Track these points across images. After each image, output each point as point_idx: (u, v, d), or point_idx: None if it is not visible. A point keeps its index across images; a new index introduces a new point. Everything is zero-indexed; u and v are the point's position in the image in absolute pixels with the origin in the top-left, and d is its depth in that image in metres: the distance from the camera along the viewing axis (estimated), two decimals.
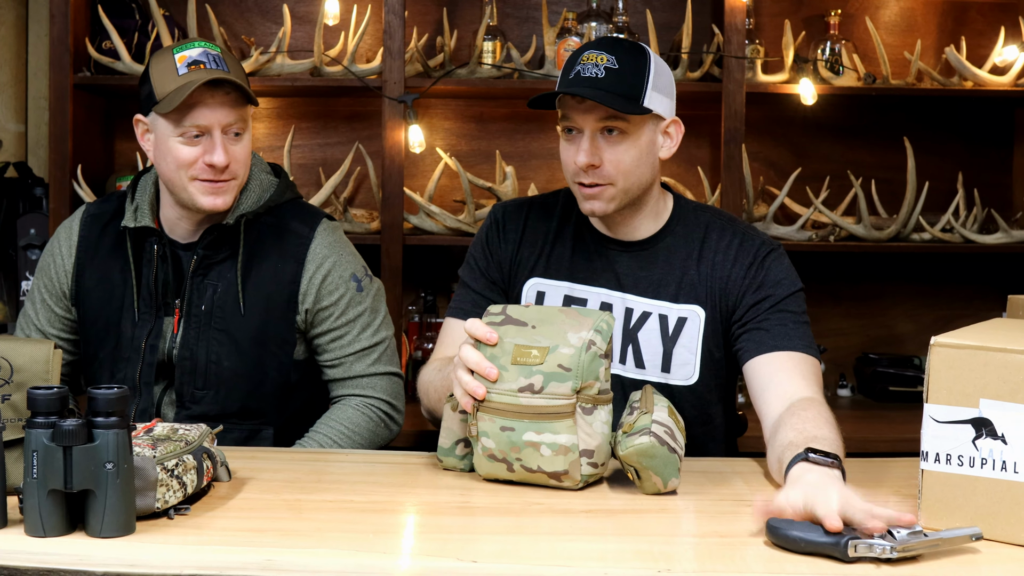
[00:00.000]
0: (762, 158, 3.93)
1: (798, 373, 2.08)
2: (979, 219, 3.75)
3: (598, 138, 2.15)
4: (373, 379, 2.47)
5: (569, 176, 2.21)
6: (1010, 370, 1.55)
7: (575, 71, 2.14)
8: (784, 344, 2.13)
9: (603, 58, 2.12)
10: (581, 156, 2.14)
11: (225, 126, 2.30)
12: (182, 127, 2.28)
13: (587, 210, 2.20)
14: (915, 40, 3.81)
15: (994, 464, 1.56)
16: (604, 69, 2.11)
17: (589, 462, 1.82)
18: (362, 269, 2.51)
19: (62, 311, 2.49)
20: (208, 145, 2.29)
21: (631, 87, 2.13)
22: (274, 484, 1.88)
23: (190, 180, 2.31)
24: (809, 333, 2.18)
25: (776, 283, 2.21)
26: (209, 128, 2.29)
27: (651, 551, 1.52)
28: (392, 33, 3.54)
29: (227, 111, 2.30)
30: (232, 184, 2.34)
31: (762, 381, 2.10)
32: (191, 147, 2.29)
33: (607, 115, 2.13)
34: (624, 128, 2.14)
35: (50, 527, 1.53)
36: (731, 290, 2.22)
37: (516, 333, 1.84)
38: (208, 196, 2.31)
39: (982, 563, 1.50)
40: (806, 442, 1.77)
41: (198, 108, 2.27)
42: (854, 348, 3.98)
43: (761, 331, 2.16)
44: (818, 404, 1.97)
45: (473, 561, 1.47)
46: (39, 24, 3.91)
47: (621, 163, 2.15)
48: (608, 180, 2.15)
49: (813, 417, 1.89)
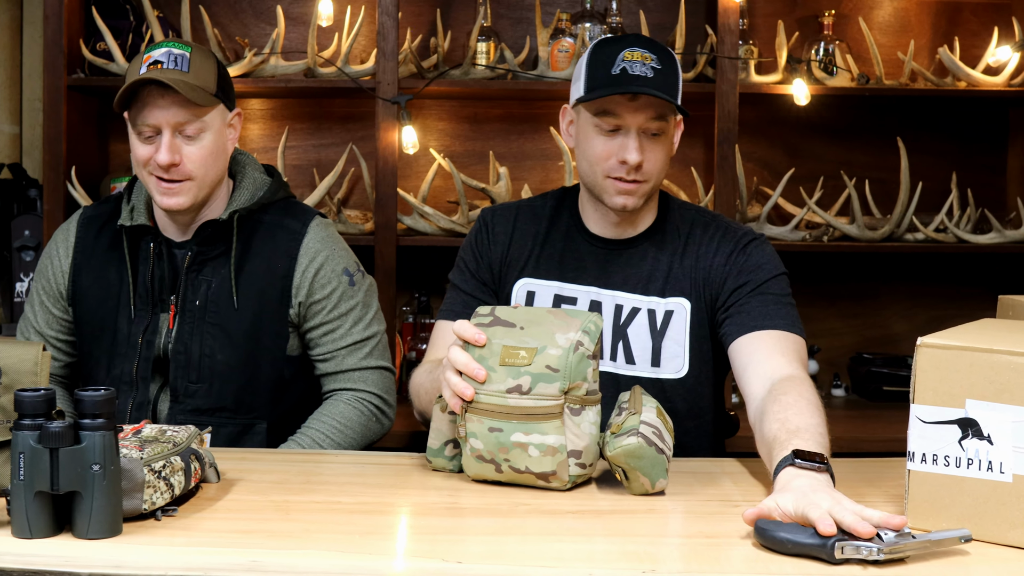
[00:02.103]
0: (756, 158, 3.94)
1: (778, 351, 2.08)
2: (973, 219, 3.75)
3: (641, 136, 2.17)
4: (365, 373, 2.49)
5: (600, 170, 2.21)
6: (996, 371, 1.55)
7: (619, 67, 2.14)
8: (764, 323, 2.14)
9: (648, 57, 2.15)
10: (634, 154, 2.16)
11: (175, 125, 2.32)
12: (138, 126, 2.33)
13: (620, 204, 2.22)
14: (908, 40, 3.82)
15: (980, 464, 1.56)
16: (651, 68, 2.14)
17: (577, 463, 1.82)
18: (354, 264, 2.53)
19: (60, 312, 2.51)
20: (158, 144, 2.32)
21: (673, 87, 2.18)
22: (262, 485, 1.88)
23: (148, 177, 2.36)
24: (793, 313, 2.19)
25: (757, 267, 2.23)
26: (159, 127, 2.31)
27: (637, 552, 1.52)
28: (386, 34, 3.54)
29: (176, 111, 2.31)
30: (188, 185, 2.35)
31: (743, 360, 2.11)
32: (146, 146, 2.34)
33: (656, 115, 2.16)
34: (665, 128, 2.19)
35: (37, 529, 1.53)
36: (714, 278, 2.24)
37: (504, 334, 1.85)
38: (162, 196, 2.35)
39: (969, 563, 1.50)
40: (790, 436, 1.77)
41: (148, 108, 2.31)
42: (848, 348, 3.98)
43: (742, 313, 2.18)
44: (799, 384, 1.96)
45: (459, 562, 1.47)
46: (33, 26, 3.91)
47: (659, 161, 2.21)
48: (646, 177, 2.20)
49: (794, 402, 1.88)
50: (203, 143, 2.35)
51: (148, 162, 2.33)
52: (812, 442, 1.75)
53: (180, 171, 2.33)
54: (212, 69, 2.37)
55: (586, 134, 2.22)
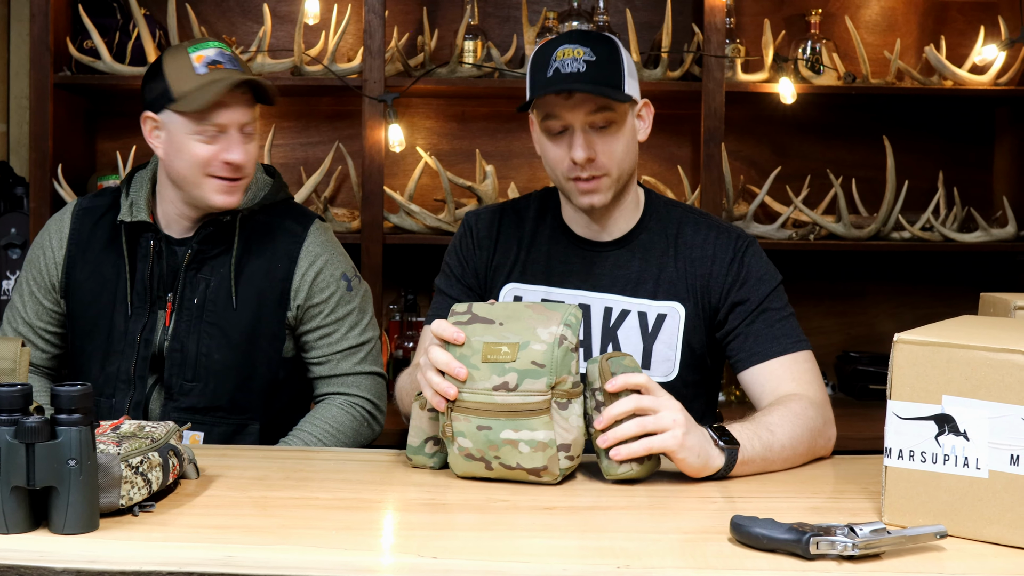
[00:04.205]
0: (742, 157, 3.94)
1: (789, 377, 2.14)
2: (959, 218, 3.76)
3: (588, 131, 2.16)
4: (358, 378, 2.50)
5: (560, 174, 2.20)
6: (972, 367, 1.55)
7: (552, 68, 2.13)
8: (773, 349, 2.17)
9: (580, 51, 2.13)
10: (579, 151, 2.14)
11: (242, 125, 2.35)
12: (202, 125, 2.32)
13: (586, 204, 2.20)
14: (895, 39, 3.82)
15: (956, 460, 1.56)
16: (584, 62, 2.12)
17: (566, 456, 1.82)
18: (352, 270, 2.54)
19: (50, 304, 2.50)
20: (226, 143, 2.34)
21: (612, 76, 2.14)
22: (242, 481, 1.87)
23: (205, 177, 2.35)
24: (795, 325, 2.21)
25: (758, 280, 2.23)
26: (227, 127, 2.33)
27: (612, 547, 1.52)
28: (372, 32, 3.54)
29: (244, 111, 2.35)
30: (244, 183, 2.40)
31: (757, 391, 2.18)
32: (209, 145, 2.34)
33: (596, 107, 2.14)
34: (612, 118, 2.16)
35: (13, 524, 1.53)
36: (713, 287, 2.23)
37: (484, 331, 1.84)
38: (222, 194, 2.36)
39: (944, 559, 1.50)
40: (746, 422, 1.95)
41: (221, 108, 2.32)
42: (835, 346, 3.99)
43: (749, 338, 2.19)
44: (795, 398, 2.06)
45: (434, 557, 1.47)
46: (20, 23, 3.91)
47: (614, 153, 2.17)
48: (603, 171, 2.17)
49: (775, 409, 2.01)
50: (256, 142, 2.42)
51: (211, 161, 2.34)
52: (748, 429, 1.92)
53: (241, 170, 2.37)
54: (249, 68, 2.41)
55: (540, 140, 2.23)
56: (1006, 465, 1.53)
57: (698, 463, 1.83)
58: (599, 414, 1.83)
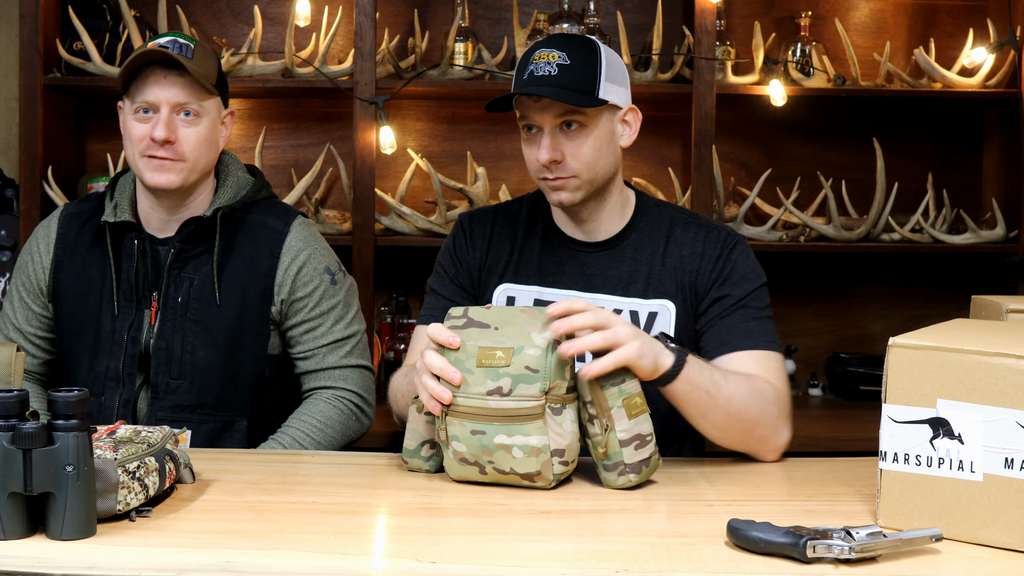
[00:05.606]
0: (733, 159, 3.95)
1: (756, 368, 2.13)
2: (948, 219, 3.78)
3: (558, 133, 2.17)
4: (345, 371, 2.50)
5: (534, 172, 2.23)
6: (967, 370, 1.56)
7: (528, 71, 2.16)
8: (745, 343, 2.16)
9: (554, 55, 2.15)
10: (543, 153, 2.17)
11: (175, 105, 2.36)
12: (135, 103, 2.36)
13: (555, 200, 2.23)
14: (885, 42, 3.84)
15: (951, 464, 1.57)
16: (556, 66, 2.14)
17: (560, 461, 1.83)
18: (336, 263, 2.55)
19: (40, 309, 2.51)
20: (155, 122, 2.35)
21: (584, 80, 2.15)
22: (238, 486, 1.87)
23: (140, 157, 2.36)
24: (771, 327, 2.21)
25: (742, 278, 2.24)
26: (157, 105, 2.34)
27: (610, 551, 1.53)
28: (363, 34, 3.54)
29: (177, 91, 2.35)
30: (180, 165, 2.38)
31: None
32: (142, 124, 2.36)
33: (564, 111, 2.15)
34: (582, 121, 2.17)
35: (10, 530, 1.53)
36: (700, 283, 2.25)
37: (479, 335, 1.85)
38: (151, 172, 2.36)
39: (940, 562, 1.51)
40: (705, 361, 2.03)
41: (149, 85, 2.34)
42: (825, 348, 4.00)
43: (723, 329, 2.19)
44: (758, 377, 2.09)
45: (432, 562, 1.47)
46: (9, 25, 3.89)
47: (582, 155, 2.18)
48: (571, 173, 2.18)
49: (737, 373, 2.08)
50: (199, 128, 2.39)
51: (143, 139, 2.35)
52: (703, 363, 1.99)
53: (174, 150, 2.36)
54: (213, 64, 2.43)
55: (521, 140, 2.25)
56: (1001, 468, 1.54)
57: (652, 365, 1.88)
58: (593, 426, 1.84)
